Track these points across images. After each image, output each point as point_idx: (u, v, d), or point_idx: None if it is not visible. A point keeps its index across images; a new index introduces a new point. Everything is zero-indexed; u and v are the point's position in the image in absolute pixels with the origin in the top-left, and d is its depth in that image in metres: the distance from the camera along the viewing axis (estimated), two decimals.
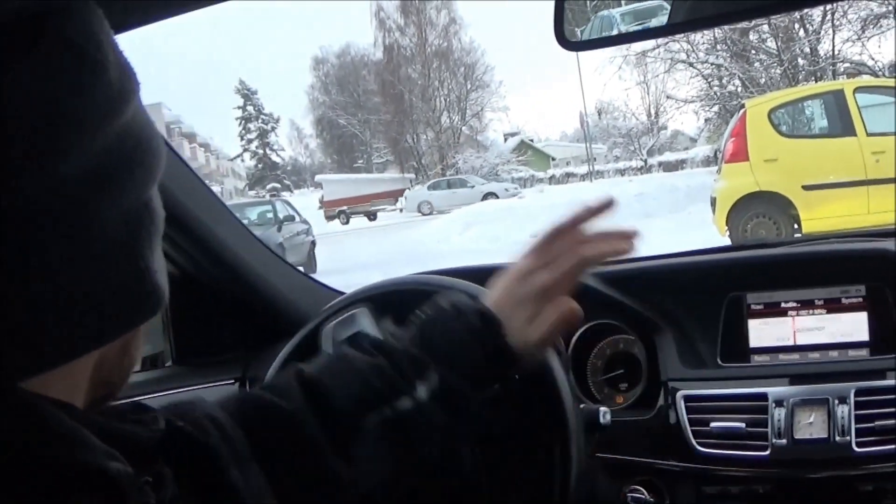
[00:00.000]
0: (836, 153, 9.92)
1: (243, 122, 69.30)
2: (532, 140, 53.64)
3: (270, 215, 18.25)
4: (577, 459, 1.32)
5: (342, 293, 1.94)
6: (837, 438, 1.63)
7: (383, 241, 21.56)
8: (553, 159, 51.52)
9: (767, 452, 1.67)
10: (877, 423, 1.62)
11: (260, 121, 69.42)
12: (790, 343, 1.83)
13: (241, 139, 69.67)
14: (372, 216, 39.44)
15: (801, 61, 25.38)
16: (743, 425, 1.70)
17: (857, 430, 1.62)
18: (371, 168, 56.06)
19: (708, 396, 1.77)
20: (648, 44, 26.18)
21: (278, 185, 64.50)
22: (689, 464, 1.74)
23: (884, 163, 9.44)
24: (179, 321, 2.23)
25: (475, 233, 19.61)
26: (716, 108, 27.95)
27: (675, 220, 15.65)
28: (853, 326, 1.80)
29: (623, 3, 1.54)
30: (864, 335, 1.79)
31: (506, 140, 51.29)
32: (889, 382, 1.66)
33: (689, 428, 1.75)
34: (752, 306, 1.86)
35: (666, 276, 1.98)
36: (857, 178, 9.58)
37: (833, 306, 1.81)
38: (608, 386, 1.95)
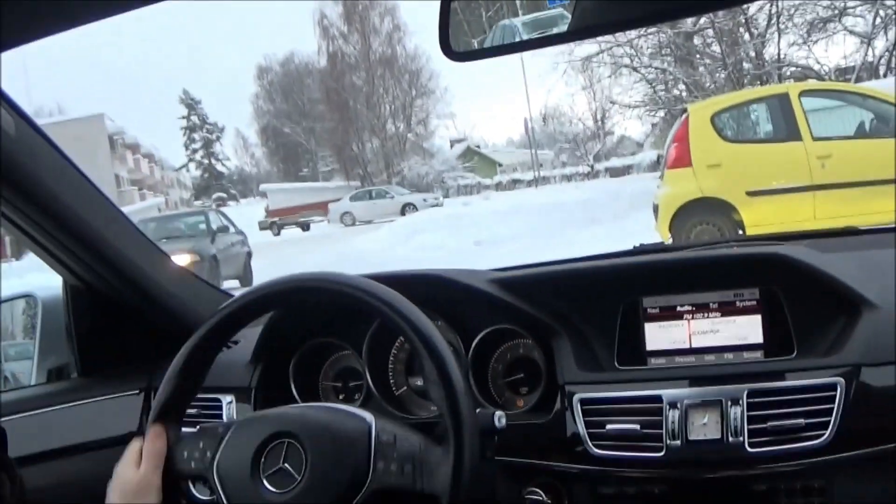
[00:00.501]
0: (781, 158, 9.62)
1: (188, 131, 68.85)
2: (478, 146, 53.66)
3: (203, 226, 17.55)
4: (470, 463, 1.34)
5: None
6: (730, 439, 1.65)
7: (326, 251, 21.23)
8: (500, 165, 51.40)
9: (662, 453, 1.69)
10: (769, 423, 1.65)
11: (205, 130, 69.03)
12: (686, 346, 1.86)
13: (186, 149, 69.30)
14: (305, 227, 39.18)
15: (746, 65, 25.41)
16: (638, 427, 1.72)
17: (749, 430, 1.65)
18: (317, 176, 55.71)
19: (603, 399, 1.79)
20: (592, 48, 26.13)
21: (224, 195, 63.99)
22: (586, 465, 1.76)
23: (830, 168, 9.19)
24: (83, 332, 2.25)
25: (420, 241, 19.36)
26: (661, 113, 27.90)
27: (619, 227, 15.45)
28: (747, 329, 1.83)
29: (520, 11, 1.51)
30: (758, 338, 1.83)
31: (452, 146, 51.21)
32: (782, 384, 1.69)
33: (585, 430, 1.76)
34: (649, 310, 1.89)
35: (563, 282, 1.99)
36: (803, 183, 9.31)
37: (728, 309, 1.85)
38: (509, 390, 1.99)
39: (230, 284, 16.42)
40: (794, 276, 1.81)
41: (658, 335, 1.88)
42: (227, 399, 2.05)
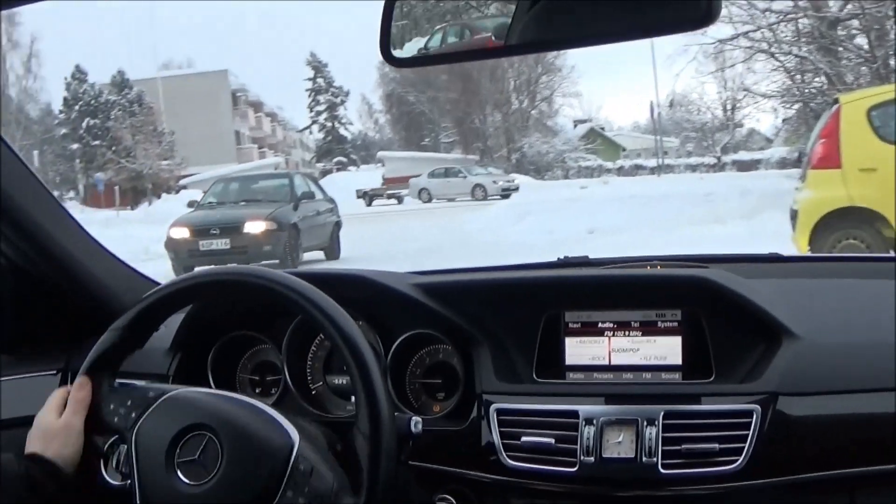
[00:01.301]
0: None
1: (313, 94, 69.03)
2: (602, 128, 52.05)
3: (286, 191, 16.27)
4: (386, 465, 1.41)
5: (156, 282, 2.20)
6: (644, 459, 1.66)
7: (430, 227, 20.44)
8: (623, 150, 50.26)
9: (575, 469, 1.69)
10: (684, 446, 1.66)
11: (330, 93, 69.14)
12: (605, 363, 1.87)
13: (311, 111, 69.45)
14: (399, 199, 38.68)
15: (893, 62, 23.25)
16: (553, 441, 1.73)
17: (663, 451, 1.66)
18: (438, 147, 55.00)
19: (520, 411, 1.79)
20: (726, 31, 24.41)
21: (344, 159, 64.02)
22: (499, 476, 1.77)
23: None
24: (2, 310, 2.21)
25: (529, 224, 18.61)
26: (797, 107, 26.05)
27: (746, 228, 14.12)
28: (667, 350, 1.84)
29: (449, 21, 1.54)
30: (677, 359, 1.83)
31: (575, 126, 49.89)
32: (698, 407, 1.71)
33: (499, 441, 1.77)
34: (570, 324, 1.90)
35: (486, 291, 2.00)
36: None
37: (649, 329, 1.85)
38: (426, 394, 2.00)
39: (311, 256, 15.71)
40: (716, 301, 1.82)
41: (578, 350, 1.89)
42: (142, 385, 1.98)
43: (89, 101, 52.18)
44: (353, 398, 1.63)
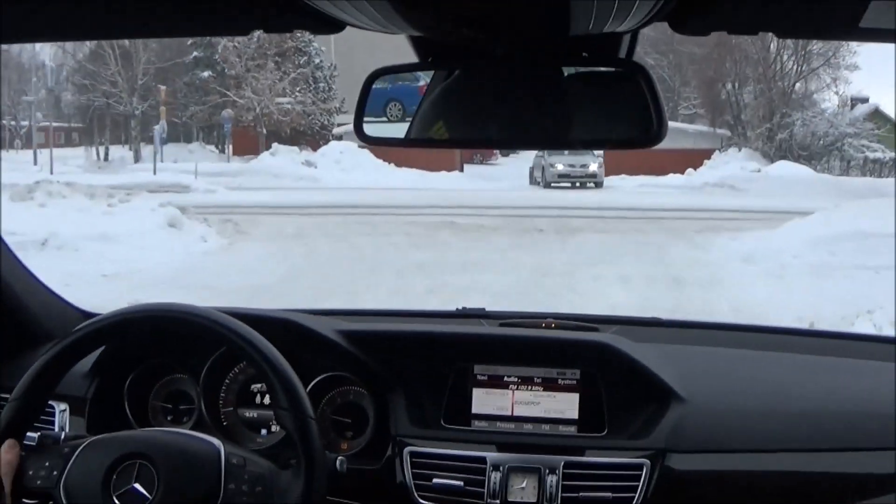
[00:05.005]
0: None
1: None
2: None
3: None
4: (319, 491, 1.59)
5: (83, 310, 2.46)
6: None
7: None
8: None
9: None
10: (581, 493, 1.89)
11: None
12: (508, 413, 2.07)
13: None
14: None
15: None
16: (462, 483, 1.93)
17: (563, 498, 1.89)
18: (676, 119, 45.44)
19: (432, 454, 1.98)
20: None
21: None
22: None
23: None
24: None
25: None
26: None
27: None
28: (565, 405, 2.05)
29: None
30: (573, 414, 2.05)
31: (853, 106, 39.36)
32: (595, 459, 1.95)
33: (412, 481, 1.96)
34: (478, 376, 2.09)
35: (405, 342, 2.19)
36: None
37: (550, 385, 2.07)
38: (334, 431, 2.15)
39: None
40: (611, 363, 2.05)
41: (484, 400, 2.08)
42: (60, 406, 2.12)
43: None
44: (262, 431, 2.17)
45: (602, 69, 1.64)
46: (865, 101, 39.63)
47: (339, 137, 34.64)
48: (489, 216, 17.63)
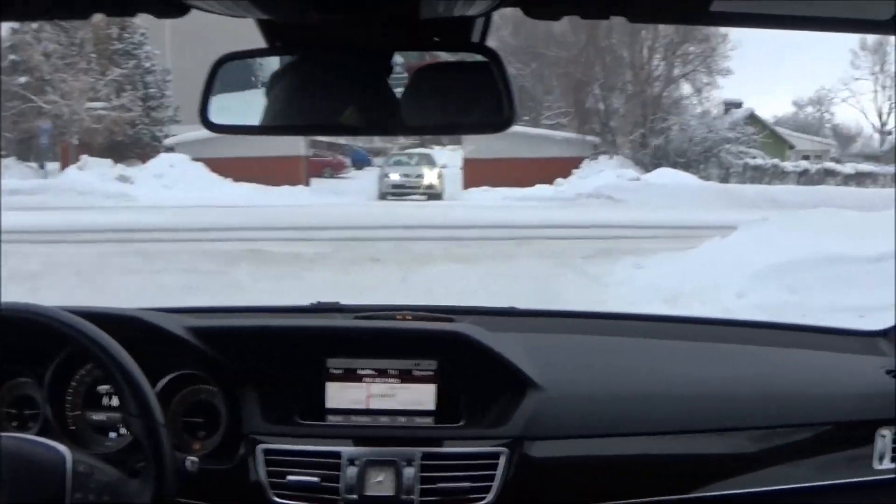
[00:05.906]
0: None
1: None
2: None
3: None
4: (170, 495, 1.56)
5: None
6: (403, 497, 1.85)
7: None
8: (790, 147, 39.87)
9: None
10: (439, 485, 1.88)
11: None
12: (363, 406, 2.03)
13: None
14: None
15: None
16: (318, 480, 1.88)
17: (421, 490, 1.87)
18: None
19: (286, 451, 1.93)
20: None
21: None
22: None
23: None
24: None
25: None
26: None
27: None
28: (422, 396, 2.03)
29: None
30: (430, 405, 2.03)
31: (727, 110, 37.47)
32: (452, 449, 1.94)
33: (266, 479, 1.90)
34: (332, 370, 2.05)
35: (255, 337, 2.12)
36: None
37: (406, 377, 2.04)
38: (186, 432, 2.06)
39: None
40: (468, 353, 2.03)
41: (338, 394, 2.03)
42: None
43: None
44: (111, 434, 2.06)
45: (453, 53, 1.66)
46: (739, 105, 38.21)
47: (172, 149, 32.10)
48: (314, 240, 14.51)
